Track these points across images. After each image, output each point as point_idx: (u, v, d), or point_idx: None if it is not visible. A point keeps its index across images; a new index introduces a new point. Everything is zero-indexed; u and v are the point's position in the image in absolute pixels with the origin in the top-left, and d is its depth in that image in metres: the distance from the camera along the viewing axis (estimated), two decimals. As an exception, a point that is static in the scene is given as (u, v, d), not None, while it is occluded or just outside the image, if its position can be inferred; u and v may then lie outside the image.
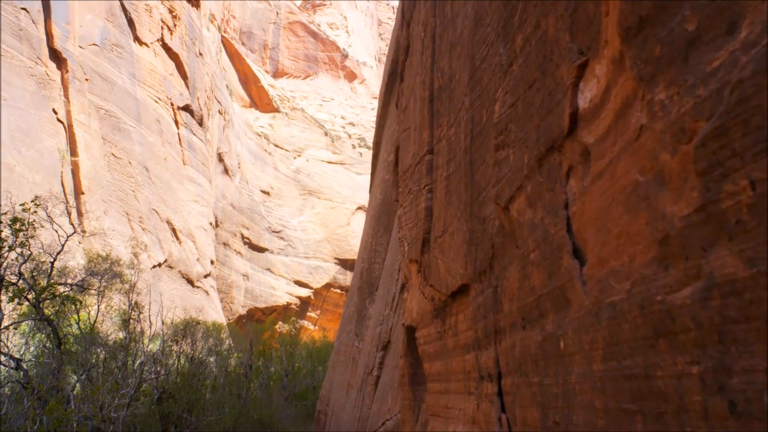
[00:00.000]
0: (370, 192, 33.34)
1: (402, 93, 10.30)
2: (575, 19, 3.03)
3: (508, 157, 4.07)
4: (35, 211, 21.85)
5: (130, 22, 59.99)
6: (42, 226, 25.40)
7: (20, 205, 23.52)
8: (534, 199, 3.61)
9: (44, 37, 49.48)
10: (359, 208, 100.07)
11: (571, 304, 2.99)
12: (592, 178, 2.82)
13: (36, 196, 23.50)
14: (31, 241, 21.88)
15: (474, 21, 5.34)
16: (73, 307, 24.79)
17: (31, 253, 22.39)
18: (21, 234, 21.11)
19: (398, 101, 10.90)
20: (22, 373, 20.72)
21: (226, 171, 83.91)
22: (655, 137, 2.19)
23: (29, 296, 22.63)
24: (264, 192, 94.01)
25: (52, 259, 24.21)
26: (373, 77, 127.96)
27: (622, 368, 2.47)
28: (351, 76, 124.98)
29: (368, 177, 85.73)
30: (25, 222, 21.10)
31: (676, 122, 2.08)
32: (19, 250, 21.53)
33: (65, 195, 45.99)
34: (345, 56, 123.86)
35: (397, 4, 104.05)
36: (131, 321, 26.59)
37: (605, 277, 2.59)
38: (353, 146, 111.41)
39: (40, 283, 23.20)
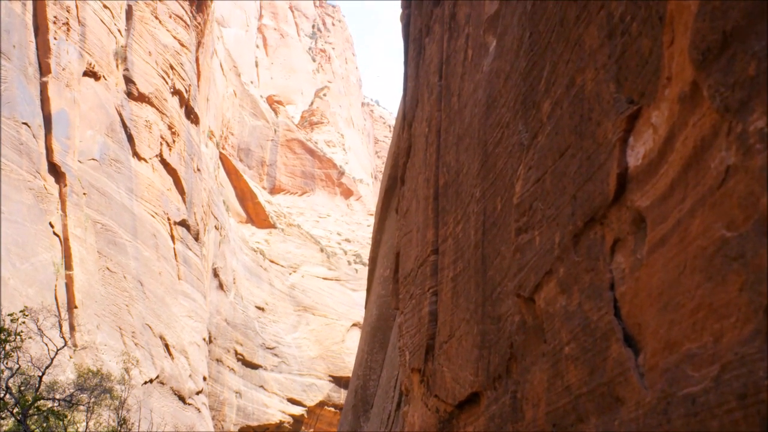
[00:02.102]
0: (365, 308, 32.84)
1: (403, 197, 9.96)
2: (623, 64, 2.64)
3: (533, 240, 3.63)
4: (23, 322, 21.26)
5: (130, 138, 60.53)
6: (31, 338, 24.74)
7: (8, 315, 22.94)
8: (568, 283, 3.15)
9: (44, 151, 49.77)
10: (354, 324, 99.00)
11: (624, 403, 2.49)
12: (650, 247, 2.37)
13: (25, 307, 22.96)
14: (19, 354, 21.23)
15: (486, 106, 5.01)
16: (60, 423, 23.88)
17: (20, 367, 21.71)
18: (8, 345, 20.47)
19: (398, 206, 10.56)
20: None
21: (221, 286, 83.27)
22: (752, 177, 1.76)
23: (15, 411, 21.79)
24: (258, 308, 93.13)
25: (40, 373, 23.49)
26: (370, 194, 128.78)
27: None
28: (347, 193, 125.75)
29: (364, 294, 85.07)
30: (12, 333, 20.49)
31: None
32: (6, 363, 20.85)
33: (58, 308, 45.32)
34: (342, 173, 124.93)
35: (393, 122, 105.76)
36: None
37: (677, 365, 2.10)
38: (349, 263, 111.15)
39: (27, 398, 22.41)
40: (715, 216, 1.95)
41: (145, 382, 52.80)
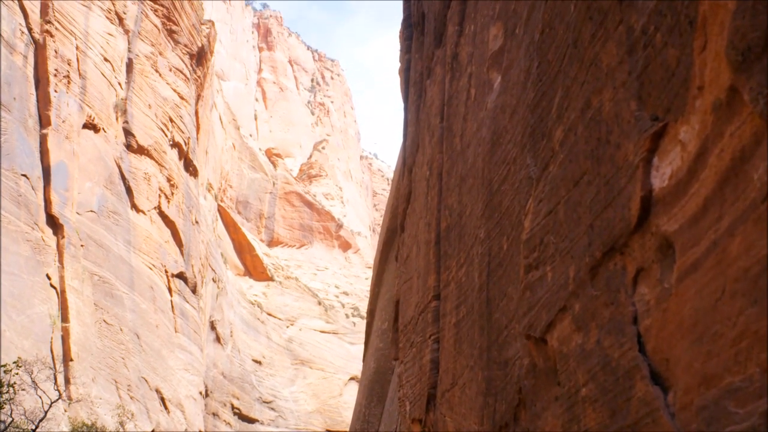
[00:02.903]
0: (363, 362, 32.44)
1: (403, 243, 9.79)
2: (646, 79, 2.47)
3: (545, 277, 3.43)
4: (17, 373, 20.94)
5: (129, 190, 60.55)
6: (24, 390, 24.37)
7: (2, 366, 22.61)
8: (585, 319, 2.95)
9: (42, 203, 49.74)
10: (352, 378, 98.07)
11: (652, 446, 2.28)
12: (680, 275, 2.18)
13: (18, 358, 22.65)
14: (13, 406, 20.86)
15: (490, 144, 4.85)
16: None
17: (13, 420, 21.33)
18: (1, 397, 20.14)
19: (398, 253, 10.39)
20: None
21: (218, 339, 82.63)
22: (804, 185, 1.59)
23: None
24: (256, 361, 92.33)
25: (34, 426, 23.10)
26: (368, 247, 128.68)
27: None
28: (345, 246, 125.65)
29: (362, 347, 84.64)
30: (5, 384, 20.16)
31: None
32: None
33: (53, 361, 44.86)
34: (340, 226, 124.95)
35: (391, 175, 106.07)
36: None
37: (716, 401, 1.90)
38: (347, 316, 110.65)
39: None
40: (759, 232, 1.77)
41: (140, 437, 52.06)
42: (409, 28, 10.30)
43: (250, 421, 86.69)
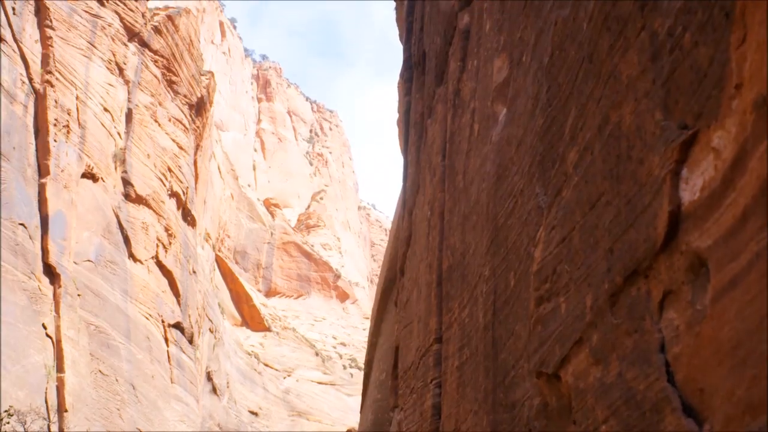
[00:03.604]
0: (360, 413, 31.98)
1: (403, 288, 9.60)
2: (673, 85, 2.31)
3: (558, 309, 3.24)
4: (7, 422, 20.55)
5: (126, 240, 60.39)
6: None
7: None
8: (604, 351, 2.74)
9: (40, 252, 49.61)
10: (349, 430, 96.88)
11: (684, 487, 2.07)
12: (715, 294, 1.99)
13: (10, 407, 22.27)
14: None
15: (495, 177, 4.69)
16: None
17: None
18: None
19: (398, 298, 10.19)
20: None
21: (214, 390, 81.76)
22: None
23: None
24: (252, 412, 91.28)
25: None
26: (365, 298, 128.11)
27: None
28: (343, 296, 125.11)
29: (359, 398, 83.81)
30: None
31: None
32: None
33: (48, 411, 44.33)
34: (338, 277, 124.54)
35: (389, 226, 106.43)
36: None
37: (763, 431, 1.71)
38: (344, 367, 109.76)
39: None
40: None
41: (134, 490, 51.25)
42: (409, 70, 10.24)
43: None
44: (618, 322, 2.62)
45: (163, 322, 63.83)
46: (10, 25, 50.89)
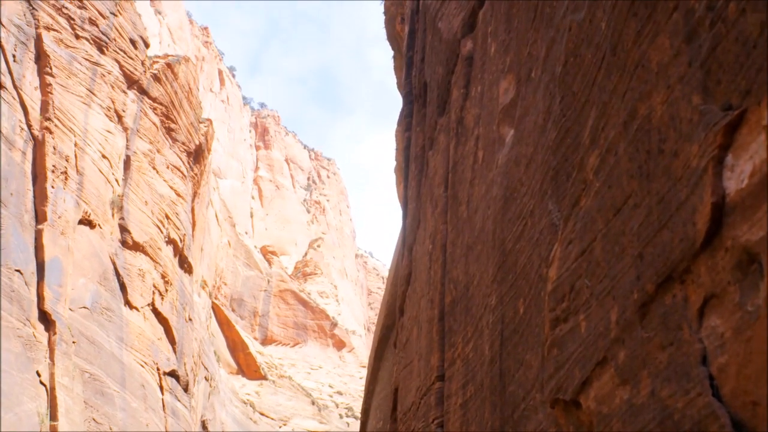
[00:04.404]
0: (359, 460, 31.53)
1: (402, 328, 9.33)
2: (713, 64, 2.10)
3: (577, 328, 2.99)
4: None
5: (123, 286, 60.06)
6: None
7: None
8: (633, 369, 2.49)
9: (35, 298, 49.28)
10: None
11: None
12: (772, 292, 1.76)
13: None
14: None
15: (503, 201, 4.48)
16: None
17: None
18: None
19: (397, 339, 9.91)
20: None
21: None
22: None
23: None
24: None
25: None
26: (362, 346, 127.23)
27: None
28: (340, 345, 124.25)
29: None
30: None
31: None
32: None
33: (39, 461, 43.74)
34: (334, 325, 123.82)
35: (386, 273, 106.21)
36: None
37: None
38: (341, 416, 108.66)
39: None
40: None
41: None
42: (409, 105, 10.09)
43: None
44: (649, 335, 2.37)
45: (158, 369, 63.23)
46: (10, 72, 51.12)
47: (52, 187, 52.82)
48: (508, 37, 4.79)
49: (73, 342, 51.44)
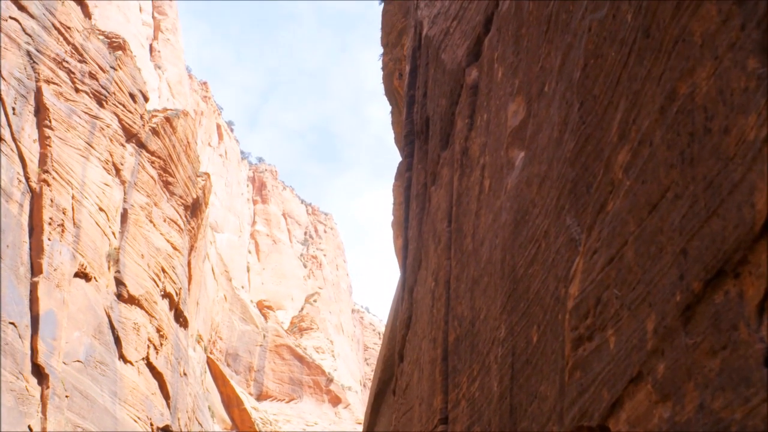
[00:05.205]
0: None
1: (401, 374, 9.03)
2: None
3: (605, 345, 2.72)
4: None
5: (117, 340, 59.59)
6: None
7: None
8: (676, 381, 2.21)
9: (29, 351, 48.91)
10: None
11: None
12: None
13: None
14: None
15: (513, 226, 4.25)
16: None
17: None
18: None
19: (396, 386, 9.60)
20: None
21: (202, 498, 79.37)
22: None
23: None
24: None
25: None
26: (358, 402, 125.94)
27: None
28: (335, 401, 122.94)
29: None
30: None
31: None
32: None
33: None
34: (330, 380, 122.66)
35: (383, 329, 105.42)
36: None
37: None
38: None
39: None
40: None
41: None
42: (410, 145, 9.93)
43: None
44: (695, 341, 2.10)
45: (152, 425, 62.44)
46: (9, 125, 51.27)
47: (49, 239, 52.68)
48: (517, 58, 4.61)
49: (66, 396, 50.87)
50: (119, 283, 61.14)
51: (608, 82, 2.96)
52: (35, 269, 51.43)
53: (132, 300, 62.04)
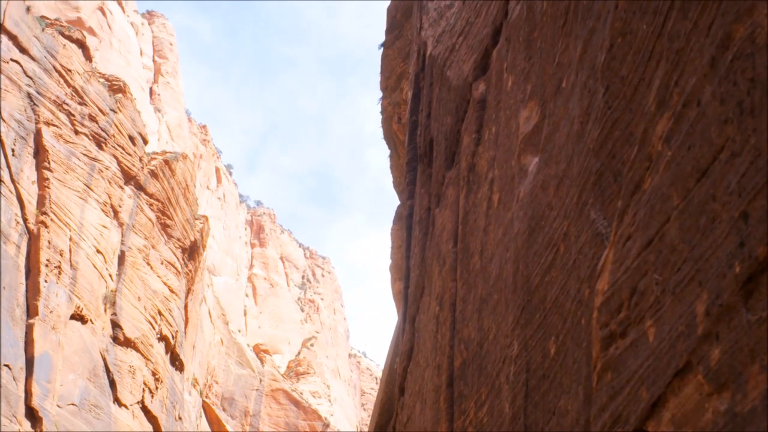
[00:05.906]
0: None
1: (402, 407, 8.72)
2: None
3: (643, 338, 2.43)
4: None
5: (112, 383, 59.09)
6: None
7: None
8: (735, 367, 1.92)
9: (23, 394, 48.52)
10: None
11: None
12: None
13: None
14: None
15: (527, 235, 4.01)
16: None
17: None
18: None
19: (396, 421, 9.27)
20: None
21: None
22: None
23: None
24: None
25: None
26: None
27: None
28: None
29: None
30: None
31: None
32: None
33: None
34: (327, 425, 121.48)
35: (380, 374, 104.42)
36: None
37: None
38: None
39: None
40: None
41: None
42: (412, 171, 9.74)
43: None
44: (760, 316, 1.83)
45: (146, 470, 61.74)
46: (8, 166, 51.26)
47: (45, 281, 52.44)
48: (528, 63, 4.41)
49: (60, 439, 50.37)
50: (115, 325, 60.77)
51: (638, 59, 2.74)
52: (31, 311, 51.18)
53: (128, 343, 61.61)
